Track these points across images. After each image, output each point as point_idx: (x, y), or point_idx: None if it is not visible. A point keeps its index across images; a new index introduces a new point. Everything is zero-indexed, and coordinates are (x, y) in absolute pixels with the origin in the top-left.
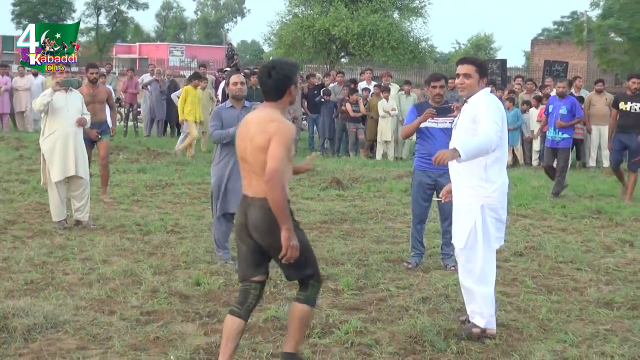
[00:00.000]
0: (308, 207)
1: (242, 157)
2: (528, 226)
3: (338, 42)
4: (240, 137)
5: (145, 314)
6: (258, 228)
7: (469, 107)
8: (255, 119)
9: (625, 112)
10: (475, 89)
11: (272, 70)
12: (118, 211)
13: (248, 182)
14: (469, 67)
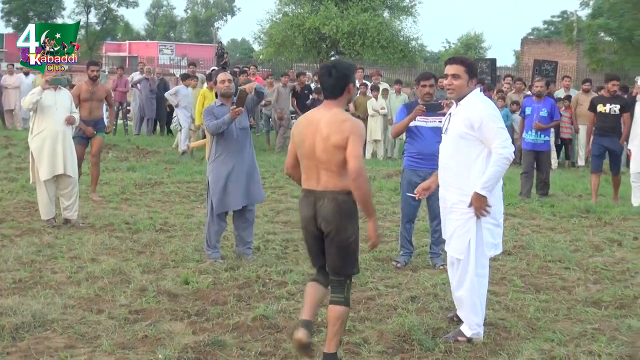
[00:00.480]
0: (297, 205)
1: (307, 154)
2: (517, 225)
3: (328, 41)
4: (306, 135)
5: (133, 313)
6: (329, 218)
7: (462, 110)
8: (324, 118)
9: (603, 115)
10: (465, 90)
11: (332, 69)
12: (107, 210)
13: (315, 177)
14: (458, 68)
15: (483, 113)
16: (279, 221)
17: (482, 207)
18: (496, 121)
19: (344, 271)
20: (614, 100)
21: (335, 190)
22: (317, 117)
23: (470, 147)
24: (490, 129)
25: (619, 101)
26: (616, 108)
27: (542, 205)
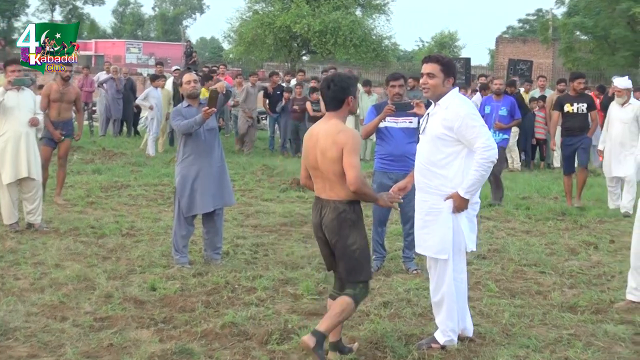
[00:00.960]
0: (267, 208)
1: (313, 166)
2: (492, 228)
3: (299, 40)
4: (309, 147)
5: (98, 320)
6: (328, 227)
7: (440, 110)
8: (322, 131)
9: (571, 115)
10: (440, 89)
11: (331, 83)
12: (72, 213)
13: (322, 186)
14: (433, 66)
15: (462, 112)
16: (248, 225)
17: (462, 208)
18: (476, 119)
19: (353, 278)
20: (581, 99)
21: (336, 199)
22: (317, 130)
23: (448, 147)
24: (471, 128)
25: (586, 99)
26: (583, 107)
27: (517, 207)
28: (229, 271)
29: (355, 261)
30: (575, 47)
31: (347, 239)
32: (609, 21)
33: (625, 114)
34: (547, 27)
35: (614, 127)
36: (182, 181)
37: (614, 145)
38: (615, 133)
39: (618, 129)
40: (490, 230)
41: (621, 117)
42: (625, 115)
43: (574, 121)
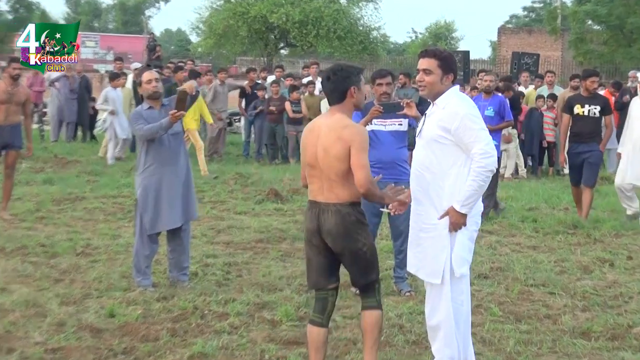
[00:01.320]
0: (241, 223)
1: (310, 163)
2: (494, 244)
3: (277, 32)
4: (309, 144)
5: (50, 352)
6: (333, 233)
7: (437, 110)
8: (325, 125)
9: (582, 118)
10: (438, 87)
11: (331, 73)
12: (19, 230)
13: (319, 187)
14: (430, 62)
15: (461, 112)
16: (220, 242)
17: (460, 225)
18: (476, 122)
19: (367, 278)
20: (594, 101)
21: (338, 202)
22: (319, 124)
23: (445, 153)
24: (469, 130)
25: (599, 101)
26: (596, 110)
27: (523, 220)
28: (197, 294)
29: (367, 261)
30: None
31: (357, 242)
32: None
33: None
34: (555, 16)
35: (636, 126)
36: (144, 193)
37: (635, 148)
38: (636, 135)
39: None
40: (493, 246)
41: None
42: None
43: (583, 125)
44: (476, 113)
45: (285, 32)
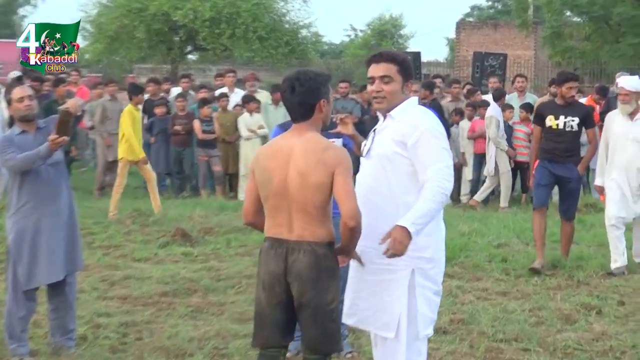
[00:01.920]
0: (141, 272)
1: (278, 192)
2: (455, 290)
3: (183, 32)
4: (274, 169)
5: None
6: (303, 277)
7: (392, 123)
8: (298, 146)
9: (556, 132)
10: (399, 98)
11: (296, 83)
12: None
13: (287, 222)
14: (388, 67)
15: (422, 125)
16: (114, 297)
17: (401, 248)
18: (439, 138)
19: (326, 348)
20: (572, 110)
21: (313, 240)
22: (288, 146)
23: (400, 174)
24: (429, 147)
25: (578, 111)
26: (574, 122)
27: (490, 259)
28: None
29: (333, 323)
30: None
31: (327, 293)
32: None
33: (638, 129)
34: (525, 6)
35: (620, 149)
36: (17, 239)
37: (622, 174)
38: (625, 158)
39: (629, 152)
40: (454, 293)
41: (634, 134)
42: (637, 130)
43: (558, 140)
44: (441, 130)
45: (193, 33)
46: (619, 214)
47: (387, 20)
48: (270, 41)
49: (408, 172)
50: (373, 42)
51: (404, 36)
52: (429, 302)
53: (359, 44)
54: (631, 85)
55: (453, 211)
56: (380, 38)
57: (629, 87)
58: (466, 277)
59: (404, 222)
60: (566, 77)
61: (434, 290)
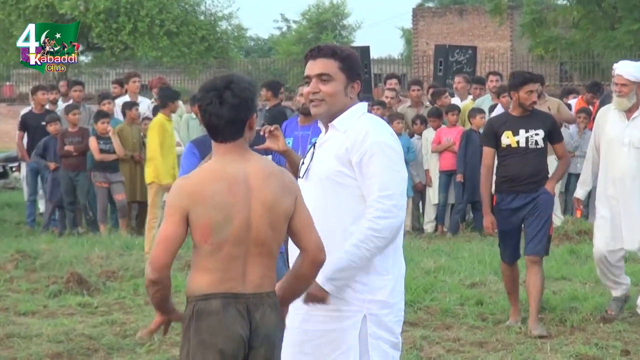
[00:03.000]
0: (28, 329)
1: (238, 236)
2: (420, 342)
3: None
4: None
5: None
6: (271, 340)
7: (336, 135)
8: (254, 173)
9: (516, 151)
10: (341, 101)
11: (226, 92)
12: None
13: (241, 272)
14: (328, 63)
15: (371, 138)
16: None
17: (316, 301)
18: (390, 156)
19: None
20: (533, 122)
21: (272, 291)
22: (241, 174)
23: (345, 197)
24: (375, 167)
25: (542, 122)
26: (538, 136)
27: (462, 302)
28: None
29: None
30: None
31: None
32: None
33: (636, 131)
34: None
35: (615, 156)
36: None
37: (619, 190)
38: (620, 168)
39: (624, 160)
40: (418, 345)
41: (630, 137)
42: (636, 132)
43: (519, 164)
44: (394, 144)
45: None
46: (605, 248)
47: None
48: (182, 37)
49: (355, 195)
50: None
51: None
52: (384, 357)
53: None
54: (630, 73)
55: (415, 243)
56: (318, 30)
57: (627, 75)
58: (433, 325)
59: (320, 279)
60: (523, 79)
61: (390, 343)
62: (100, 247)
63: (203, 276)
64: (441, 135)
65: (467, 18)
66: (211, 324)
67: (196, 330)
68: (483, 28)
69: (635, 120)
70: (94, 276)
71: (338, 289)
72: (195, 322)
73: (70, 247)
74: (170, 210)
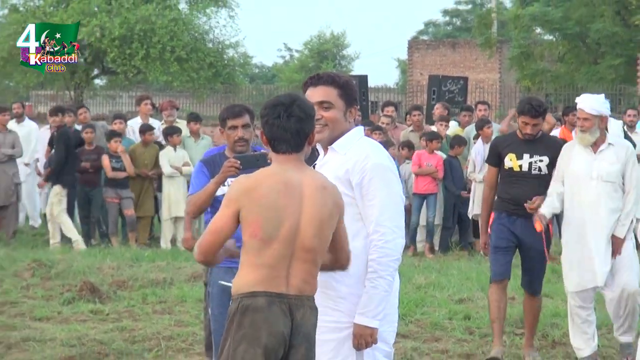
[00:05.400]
0: (43, 333)
1: (287, 237)
2: (410, 353)
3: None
4: (290, 207)
5: None
6: (310, 340)
7: (335, 157)
8: (308, 182)
9: (518, 175)
10: (341, 126)
11: (294, 108)
12: None
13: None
14: (328, 91)
15: (372, 160)
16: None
17: (370, 343)
18: (390, 179)
19: None
20: (539, 147)
21: (311, 295)
22: (296, 181)
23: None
24: (378, 190)
25: (548, 148)
26: (542, 162)
27: (450, 317)
28: None
29: None
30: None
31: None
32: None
33: (605, 163)
34: (488, 22)
35: (583, 191)
36: None
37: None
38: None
39: (593, 194)
40: (409, 356)
41: (599, 171)
42: (604, 165)
43: (521, 188)
44: (392, 167)
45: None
46: (582, 285)
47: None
48: (191, 63)
49: (354, 214)
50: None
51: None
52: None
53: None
54: (591, 106)
55: (407, 261)
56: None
57: (588, 109)
58: (423, 337)
59: (360, 318)
60: (521, 109)
61: (384, 352)
62: (111, 259)
63: (250, 273)
64: (421, 159)
65: (459, 51)
66: (256, 319)
67: (240, 324)
68: (474, 60)
69: (602, 153)
70: (106, 285)
71: (383, 318)
72: (239, 317)
73: (83, 257)
74: (227, 203)
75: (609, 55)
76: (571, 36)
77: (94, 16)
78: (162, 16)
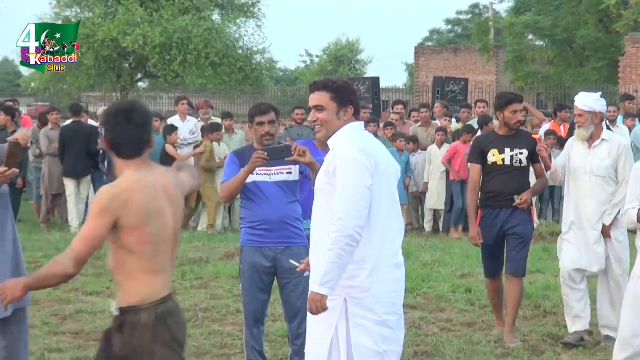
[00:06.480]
0: (93, 306)
1: (166, 238)
2: (418, 322)
3: (132, 59)
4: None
5: None
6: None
7: (329, 153)
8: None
9: (501, 169)
10: (335, 125)
11: (134, 115)
12: None
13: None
14: (321, 96)
15: (340, 153)
16: (66, 331)
17: (320, 308)
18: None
19: None
20: (518, 142)
21: None
22: (157, 185)
23: (328, 205)
24: (340, 178)
25: (526, 142)
26: (522, 155)
27: (454, 290)
28: None
29: None
30: (528, 57)
31: None
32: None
33: (597, 159)
34: (486, 30)
35: (577, 183)
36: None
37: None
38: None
39: (585, 188)
40: (417, 325)
41: (591, 166)
42: (596, 161)
43: (505, 181)
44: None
45: (143, 60)
46: (577, 264)
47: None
48: (224, 67)
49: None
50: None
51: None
52: (368, 333)
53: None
54: (585, 104)
55: (415, 241)
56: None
57: (582, 106)
58: (429, 308)
59: (313, 287)
60: (508, 100)
61: (374, 321)
62: None
63: (152, 279)
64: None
65: (461, 55)
66: (177, 321)
67: (162, 332)
68: (473, 64)
69: (595, 148)
70: None
71: (331, 289)
72: (161, 324)
73: None
74: (99, 214)
75: (593, 58)
76: (559, 42)
77: (138, 26)
78: (198, 26)
